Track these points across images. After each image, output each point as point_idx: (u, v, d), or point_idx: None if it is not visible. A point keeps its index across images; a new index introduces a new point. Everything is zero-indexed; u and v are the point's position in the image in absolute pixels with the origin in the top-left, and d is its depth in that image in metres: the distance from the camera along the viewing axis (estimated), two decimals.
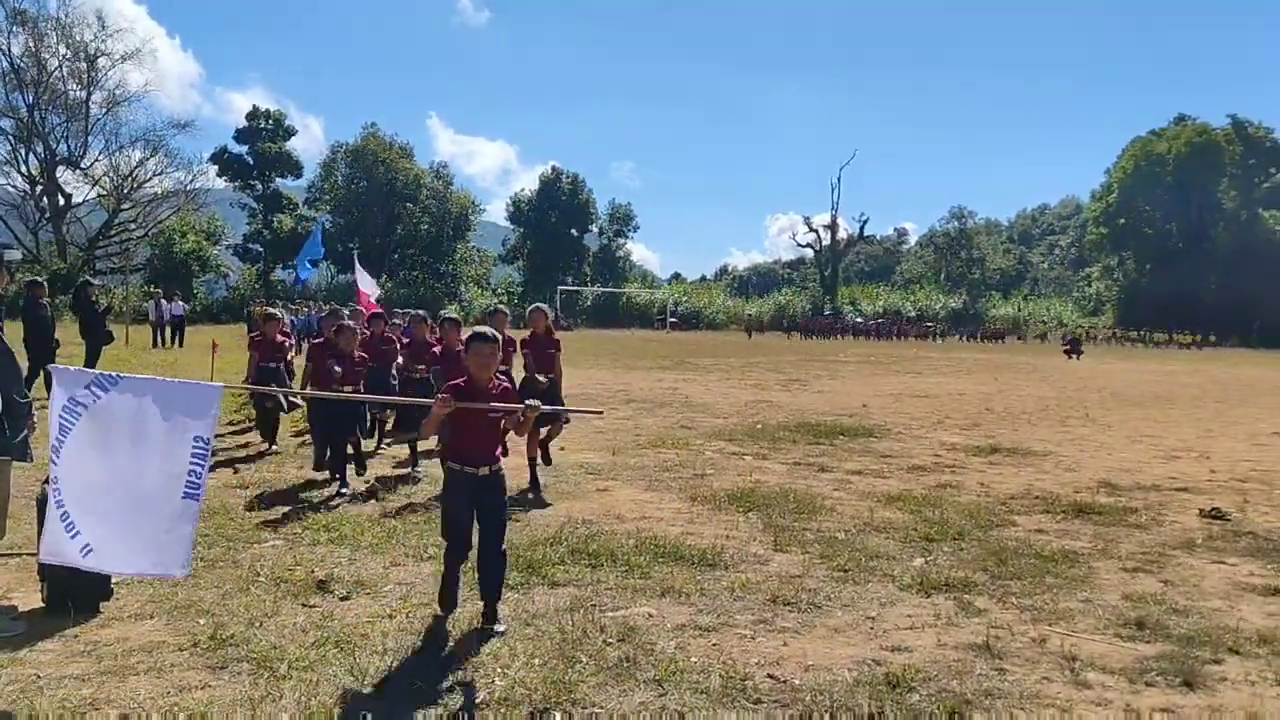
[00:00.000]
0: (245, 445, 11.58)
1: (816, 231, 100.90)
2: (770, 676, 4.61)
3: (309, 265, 27.45)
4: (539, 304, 9.55)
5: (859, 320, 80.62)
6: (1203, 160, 74.83)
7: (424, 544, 6.86)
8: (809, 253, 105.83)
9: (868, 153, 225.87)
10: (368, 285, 20.90)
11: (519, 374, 8.87)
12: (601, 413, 10.38)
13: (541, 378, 9.14)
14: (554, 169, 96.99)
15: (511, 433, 5.36)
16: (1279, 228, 73.96)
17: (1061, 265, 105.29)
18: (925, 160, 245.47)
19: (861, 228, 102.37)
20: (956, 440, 13.48)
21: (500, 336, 5.77)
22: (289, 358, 12.05)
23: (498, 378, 5.36)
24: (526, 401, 5.29)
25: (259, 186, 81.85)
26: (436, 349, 9.98)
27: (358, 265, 22.25)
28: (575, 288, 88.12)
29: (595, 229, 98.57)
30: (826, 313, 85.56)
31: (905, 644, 5.10)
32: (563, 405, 9.18)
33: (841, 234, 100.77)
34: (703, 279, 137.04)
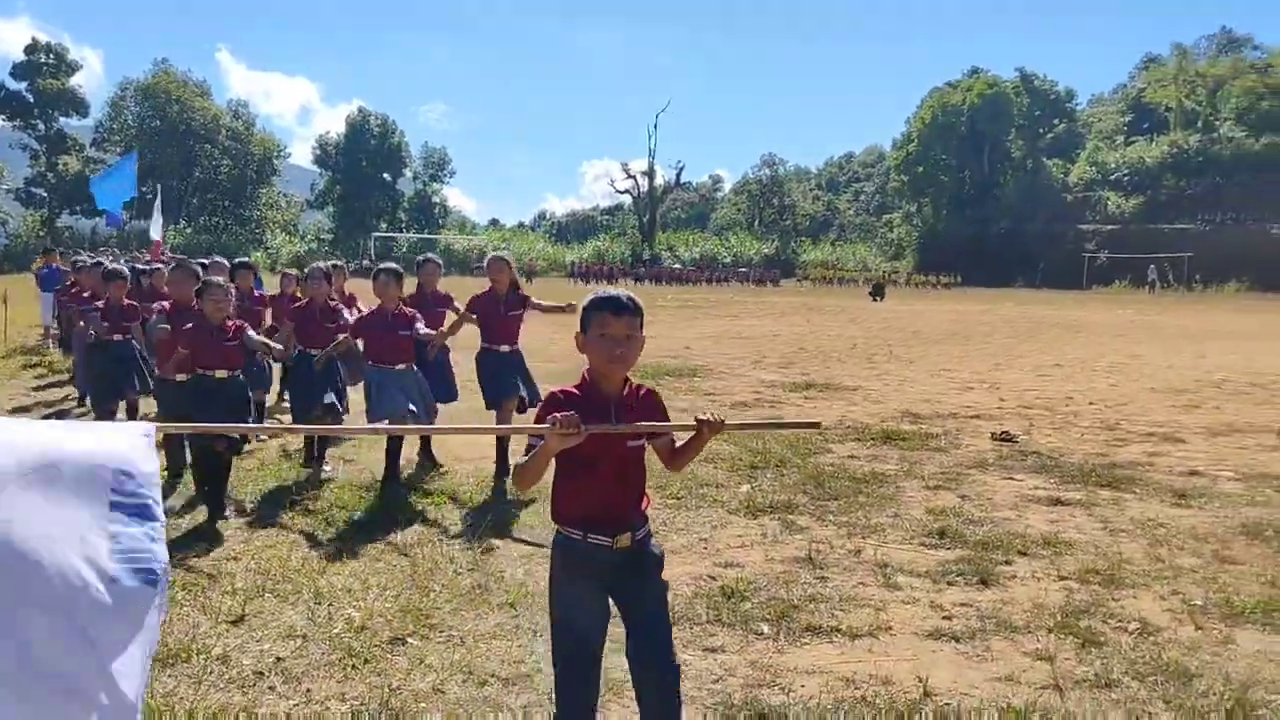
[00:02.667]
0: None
1: (634, 178, 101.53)
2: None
3: (120, 206, 25.25)
4: (499, 253, 7.86)
5: (677, 267, 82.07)
6: (993, 111, 79.40)
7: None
8: (627, 199, 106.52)
9: (683, 100, 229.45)
10: (159, 232, 19.94)
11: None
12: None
13: (504, 348, 7.59)
14: (361, 110, 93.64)
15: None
16: (1062, 176, 79.59)
17: (866, 211, 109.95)
18: (738, 109, 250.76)
19: (678, 175, 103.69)
20: (774, 378, 14.17)
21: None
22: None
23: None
24: (702, 418, 2.94)
25: (41, 126, 75.67)
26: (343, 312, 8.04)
27: (157, 211, 21.12)
28: (390, 234, 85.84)
29: (409, 174, 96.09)
30: (645, 258, 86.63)
31: (737, 560, 5.50)
32: (534, 388, 7.57)
33: (659, 181, 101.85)
34: (520, 225, 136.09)
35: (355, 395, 8.09)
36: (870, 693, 3.89)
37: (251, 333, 6.66)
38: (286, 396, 9.50)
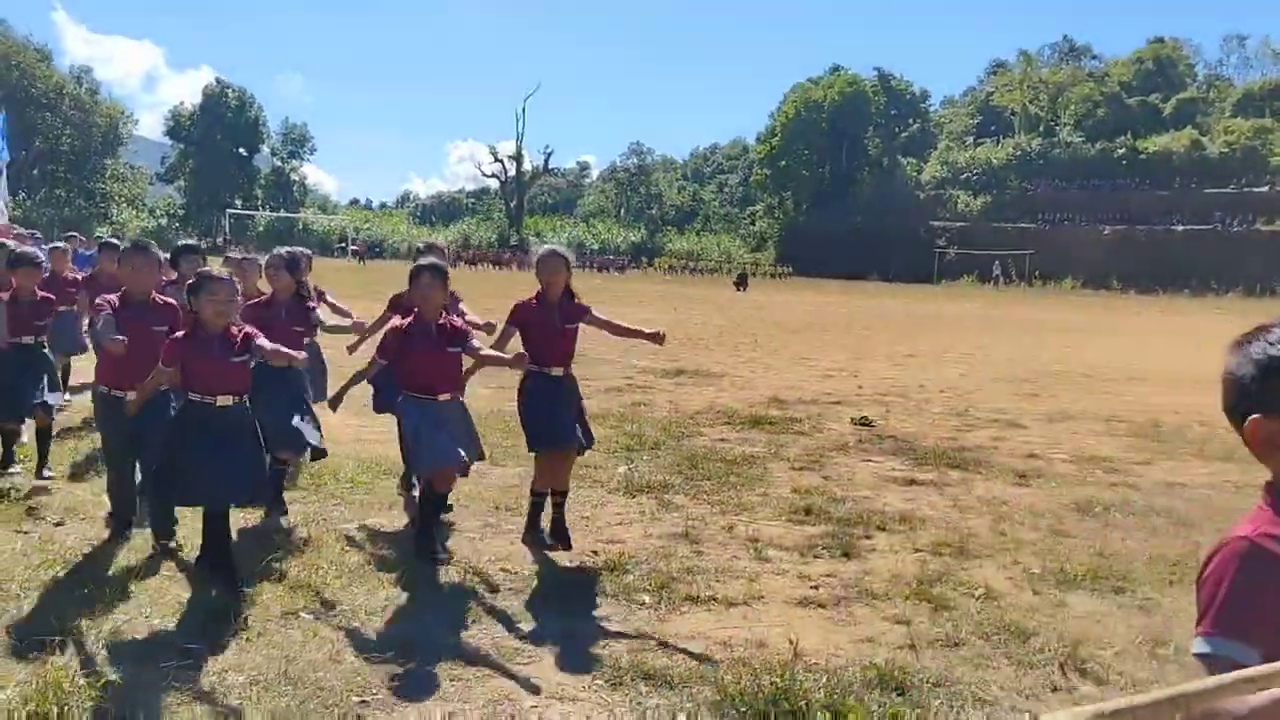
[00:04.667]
0: None
1: (502, 161, 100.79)
2: (503, 570, 5.09)
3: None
4: (554, 247, 5.91)
5: None
6: (853, 109, 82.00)
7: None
8: (494, 183, 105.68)
9: (552, 85, 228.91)
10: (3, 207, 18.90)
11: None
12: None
13: (556, 371, 5.60)
14: (219, 82, 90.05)
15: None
16: (915, 174, 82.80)
17: (730, 203, 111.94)
18: (607, 96, 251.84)
19: (546, 160, 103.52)
20: (645, 364, 14.50)
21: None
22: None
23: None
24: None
25: None
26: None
27: (2, 185, 20.01)
28: (246, 212, 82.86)
29: (267, 149, 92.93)
30: (513, 243, 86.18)
31: (617, 537, 5.75)
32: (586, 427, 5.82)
33: (527, 165, 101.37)
34: (384, 206, 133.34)
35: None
36: (746, 654, 4.18)
37: (263, 341, 4.84)
38: None
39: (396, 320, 5.46)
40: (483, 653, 4.13)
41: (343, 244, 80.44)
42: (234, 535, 4.97)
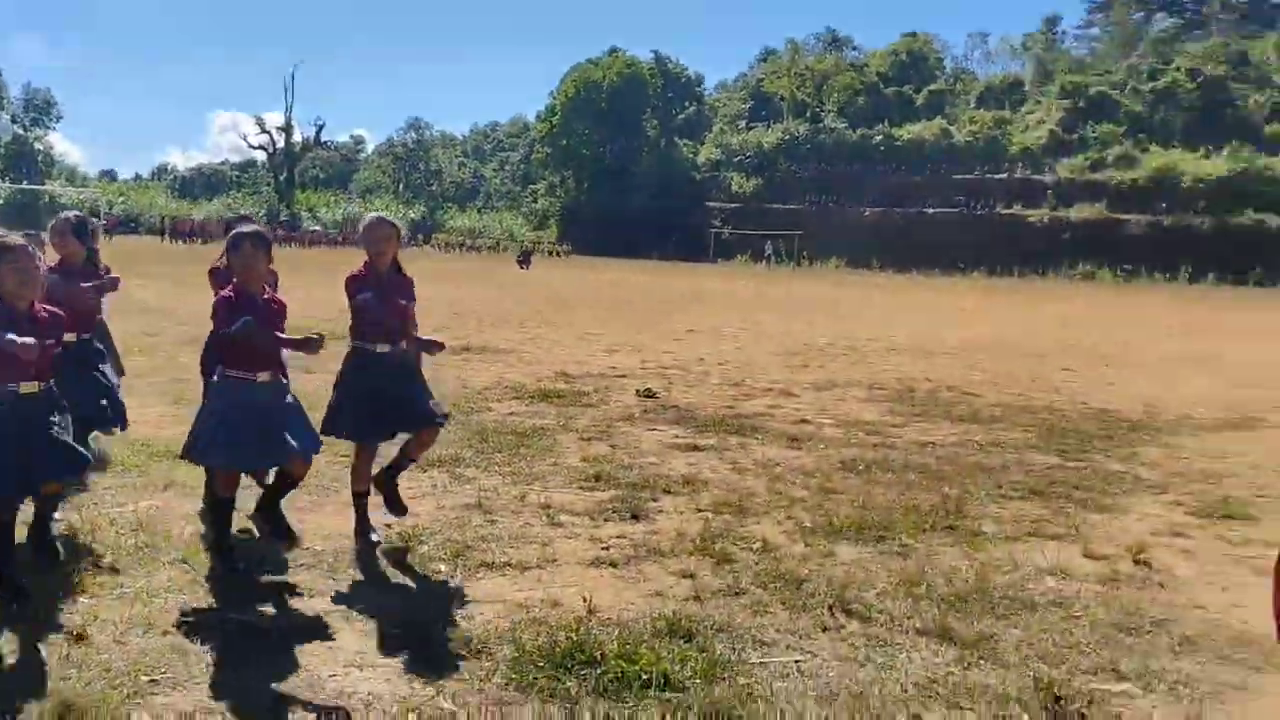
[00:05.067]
0: None
1: (270, 133, 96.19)
2: (299, 546, 5.02)
3: None
4: (381, 214, 5.44)
5: (318, 229, 78.95)
6: (631, 90, 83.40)
7: None
8: (261, 155, 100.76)
9: (323, 54, 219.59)
10: None
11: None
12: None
13: (384, 347, 5.17)
14: None
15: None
16: (692, 155, 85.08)
17: (512, 181, 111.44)
18: (382, 69, 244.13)
19: (318, 132, 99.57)
20: None
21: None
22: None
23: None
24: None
25: None
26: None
27: None
28: None
29: (6, 116, 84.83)
30: (283, 219, 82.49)
31: (411, 510, 5.74)
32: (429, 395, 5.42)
33: (296, 137, 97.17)
34: (138, 178, 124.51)
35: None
36: (542, 614, 4.33)
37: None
38: None
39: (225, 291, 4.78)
40: (279, 626, 4.09)
41: (95, 217, 74.52)
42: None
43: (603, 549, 5.29)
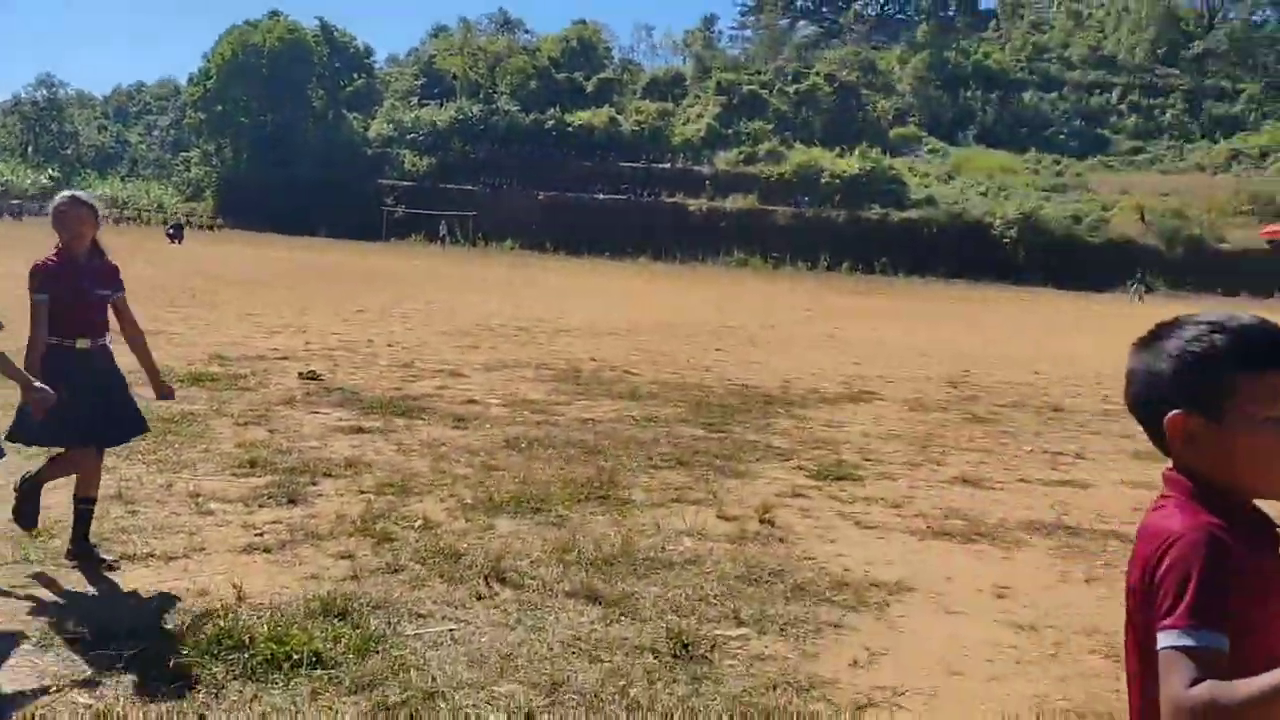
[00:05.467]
0: None
1: None
2: None
3: None
4: (75, 193, 4.90)
5: None
6: (295, 57, 79.20)
7: None
8: None
9: None
10: None
11: None
12: None
13: (82, 343, 4.67)
14: None
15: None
16: (363, 130, 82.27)
17: (161, 147, 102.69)
18: (3, 17, 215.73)
19: None
20: None
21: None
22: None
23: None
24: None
25: None
26: None
27: None
28: None
29: None
30: None
31: (42, 503, 5.32)
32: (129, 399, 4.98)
33: None
34: None
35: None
36: (188, 603, 4.21)
37: None
38: None
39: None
40: None
41: None
42: None
43: (256, 535, 5.18)
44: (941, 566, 5.45)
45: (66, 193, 4.91)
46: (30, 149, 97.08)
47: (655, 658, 3.97)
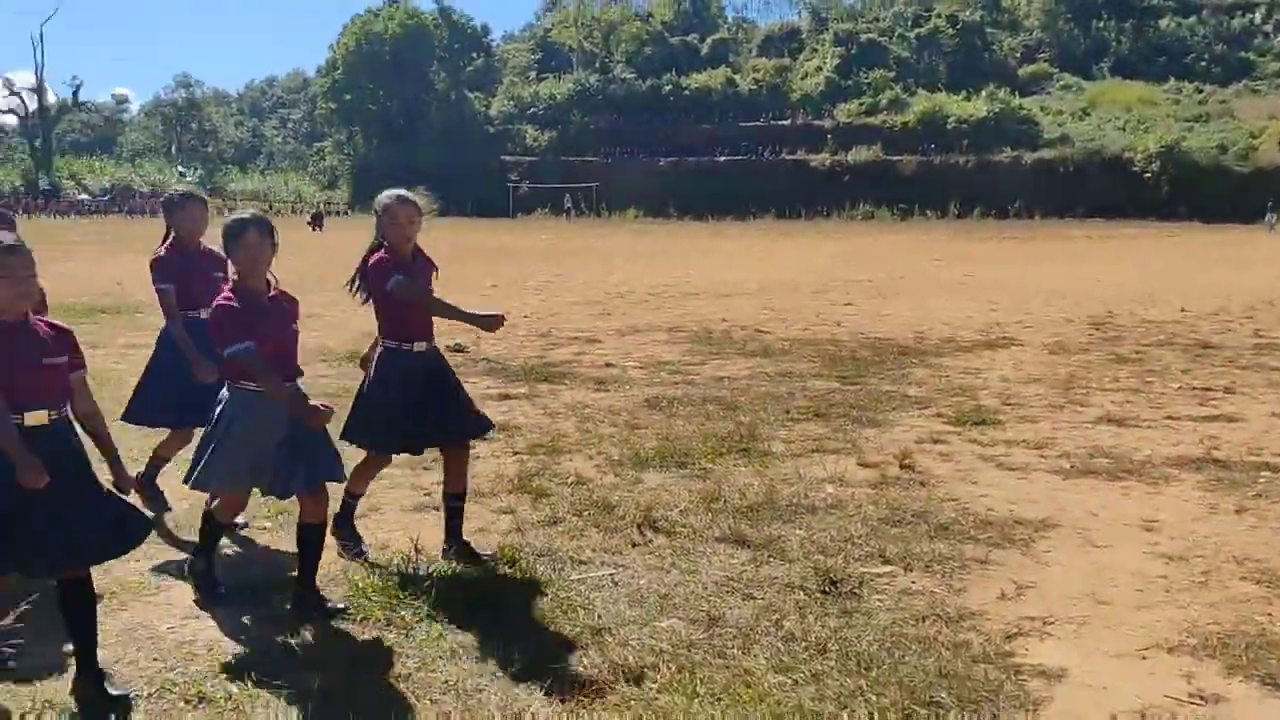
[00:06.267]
0: None
1: (20, 95, 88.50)
2: None
3: None
4: (400, 191, 4.80)
5: (84, 198, 73.61)
6: (415, 42, 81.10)
7: None
8: (11, 119, 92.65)
9: (75, 6, 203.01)
10: None
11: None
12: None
13: (420, 346, 4.66)
14: None
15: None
16: (484, 109, 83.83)
17: (296, 139, 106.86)
18: (141, 21, 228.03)
19: (75, 93, 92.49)
20: None
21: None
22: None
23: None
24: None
25: None
26: None
27: None
28: None
29: None
30: (44, 188, 76.39)
31: None
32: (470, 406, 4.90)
33: (51, 99, 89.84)
34: None
35: None
36: (372, 556, 4.61)
37: None
38: None
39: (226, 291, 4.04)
40: (110, 589, 4.18)
41: None
42: None
43: (424, 495, 5.58)
44: (1087, 503, 5.47)
45: (393, 191, 4.76)
46: (173, 148, 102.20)
47: (805, 594, 4.16)
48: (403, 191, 4.75)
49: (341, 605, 4.05)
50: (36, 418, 3.25)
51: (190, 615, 4.02)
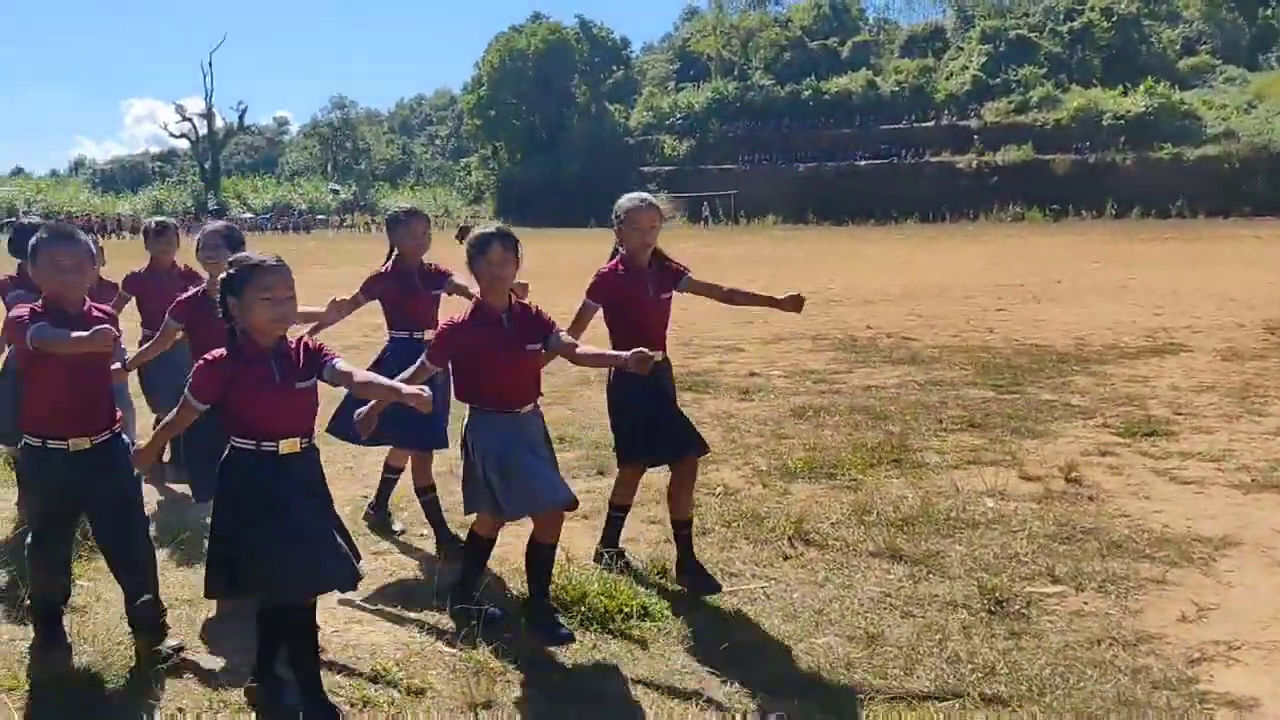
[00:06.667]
0: None
1: (191, 120, 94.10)
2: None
3: None
4: (643, 195, 4.60)
5: (248, 216, 77.70)
6: (557, 57, 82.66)
7: None
8: (183, 144, 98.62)
9: (239, 36, 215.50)
10: None
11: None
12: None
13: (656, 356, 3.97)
14: None
15: None
16: (623, 120, 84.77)
17: (443, 155, 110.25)
18: (299, 47, 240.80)
19: (241, 117, 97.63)
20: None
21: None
22: None
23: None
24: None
25: None
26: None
27: None
28: None
29: None
30: (211, 208, 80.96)
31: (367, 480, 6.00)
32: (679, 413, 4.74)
33: (219, 123, 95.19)
34: (54, 174, 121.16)
35: None
36: (519, 564, 4.65)
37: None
38: None
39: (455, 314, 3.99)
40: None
41: (12, 218, 72.48)
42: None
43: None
44: (1271, 520, 5.09)
45: (636, 195, 4.59)
46: (329, 167, 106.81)
47: (969, 613, 3.99)
48: (645, 195, 4.55)
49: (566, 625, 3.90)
50: (289, 445, 3.24)
51: (354, 620, 4.13)
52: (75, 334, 3.33)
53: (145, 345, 5.02)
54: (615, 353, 3.93)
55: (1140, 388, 8.73)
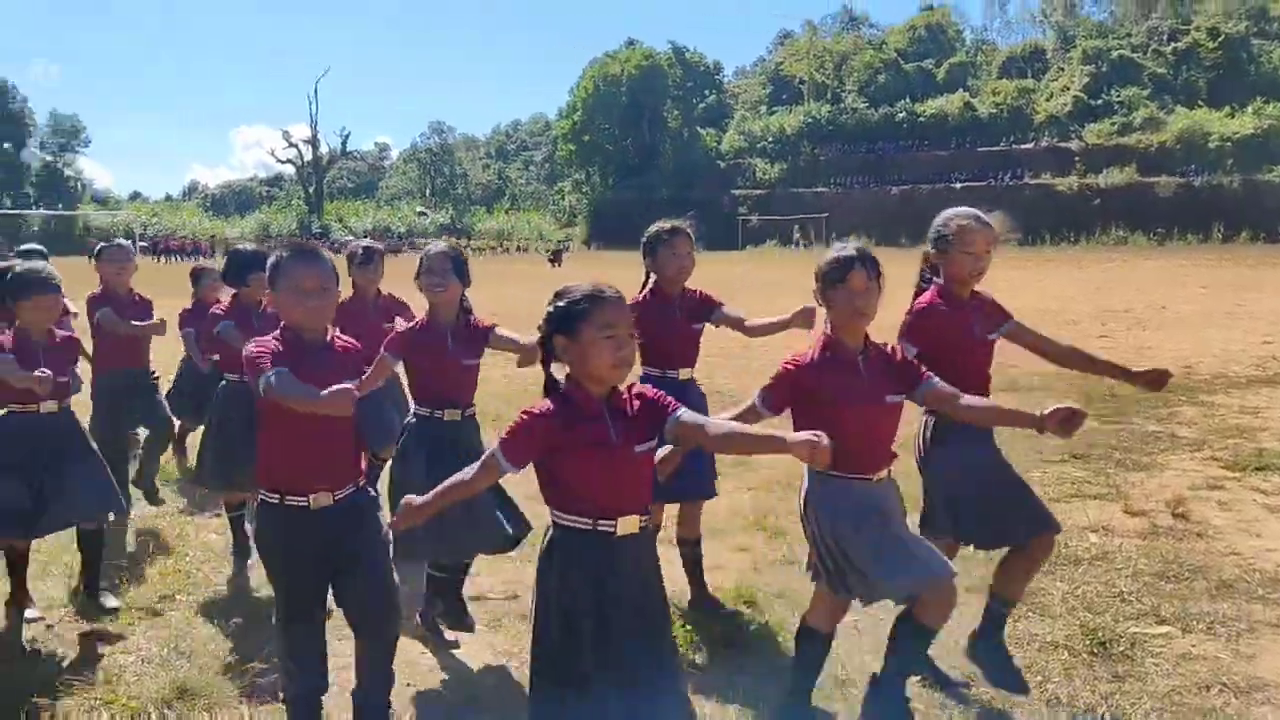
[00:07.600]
0: None
1: (297, 146, 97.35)
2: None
3: None
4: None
5: (350, 239, 79.90)
6: (650, 82, 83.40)
7: None
8: (289, 169, 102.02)
9: (344, 66, 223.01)
10: None
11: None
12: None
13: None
14: None
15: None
16: (715, 144, 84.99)
17: (537, 180, 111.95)
18: (401, 75, 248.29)
19: (344, 143, 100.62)
20: None
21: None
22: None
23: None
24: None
25: None
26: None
27: None
28: (15, 211, 76.88)
29: (35, 144, 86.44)
30: (315, 231, 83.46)
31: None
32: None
33: (323, 149, 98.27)
34: (169, 198, 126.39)
35: None
36: None
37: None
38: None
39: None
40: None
41: (129, 240, 75.70)
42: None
43: (659, 530, 5.56)
44: None
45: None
46: (427, 191, 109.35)
47: (1070, 654, 3.85)
48: (976, 211, 3.76)
49: None
50: (628, 525, 2.60)
51: (450, 643, 4.16)
52: (321, 394, 2.79)
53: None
54: (1022, 410, 3.22)
55: (1250, 419, 8.36)
